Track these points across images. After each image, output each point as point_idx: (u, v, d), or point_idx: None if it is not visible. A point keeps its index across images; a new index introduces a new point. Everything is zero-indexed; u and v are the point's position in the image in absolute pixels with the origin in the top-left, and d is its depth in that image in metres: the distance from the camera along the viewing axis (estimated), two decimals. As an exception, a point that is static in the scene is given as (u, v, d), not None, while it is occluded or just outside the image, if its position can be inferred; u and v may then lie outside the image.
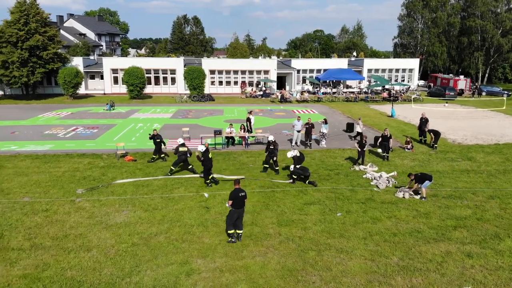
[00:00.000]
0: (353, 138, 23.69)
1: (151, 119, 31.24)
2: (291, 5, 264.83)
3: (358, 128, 23.33)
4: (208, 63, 48.69)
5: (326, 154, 20.50)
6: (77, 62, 46.70)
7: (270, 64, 49.82)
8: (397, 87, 49.32)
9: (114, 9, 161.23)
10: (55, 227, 12.08)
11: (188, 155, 17.44)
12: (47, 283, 9.28)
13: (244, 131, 22.36)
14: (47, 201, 13.99)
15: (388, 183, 16.06)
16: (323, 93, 46.12)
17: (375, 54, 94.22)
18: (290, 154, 17.14)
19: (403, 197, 14.65)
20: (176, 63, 48.56)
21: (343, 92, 48.16)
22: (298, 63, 52.16)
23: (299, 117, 22.62)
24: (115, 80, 47.33)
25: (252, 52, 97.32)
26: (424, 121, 23.33)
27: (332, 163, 18.91)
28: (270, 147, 17.54)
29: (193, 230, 11.96)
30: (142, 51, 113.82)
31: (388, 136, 19.80)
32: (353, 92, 47.51)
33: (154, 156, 19.26)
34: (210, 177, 15.90)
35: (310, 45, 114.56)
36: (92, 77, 49.43)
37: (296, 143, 22.29)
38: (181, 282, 9.31)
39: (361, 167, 18.11)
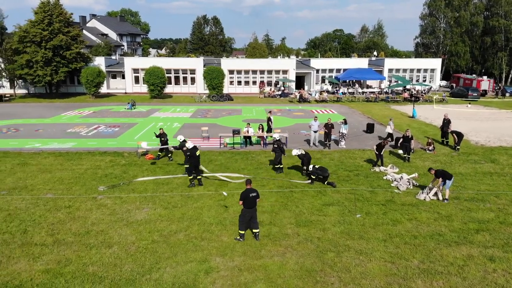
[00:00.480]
0: (397, 146, 21.70)
1: (171, 118, 31.58)
2: (311, 4, 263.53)
3: (389, 129, 22.90)
4: (227, 63, 48.91)
5: (345, 155, 20.34)
6: (99, 61, 47.57)
7: (289, 64, 49.73)
8: (418, 87, 48.55)
9: (135, 9, 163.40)
10: (77, 223, 12.34)
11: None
12: (69, 278, 9.47)
13: (262, 131, 22.37)
14: (70, 198, 14.30)
15: (409, 185, 15.83)
16: (342, 93, 45.73)
17: (395, 54, 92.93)
18: (294, 152, 17.08)
19: (424, 199, 14.42)
20: (196, 63, 48.95)
21: (359, 92, 47.57)
22: (317, 62, 51.89)
23: (316, 117, 22.49)
24: (136, 80, 48.02)
25: (271, 52, 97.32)
26: (446, 122, 22.90)
27: (351, 164, 18.74)
28: (274, 145, 17.55)
29: (212, 228, 12.04)
30: (163, 51, 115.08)
31: (410, 137, 19.51)
32: (373, 92, 46.97)
33: (160, 154, 19.64)
34: (191, 176, 15.85)
35: (329, 45, 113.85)
36: (114, 77, 50.25)
37: (314, 143, 22.17)
38: (200, 280, 9.38)
39: (381, 168, 17.89)
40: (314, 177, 16.00)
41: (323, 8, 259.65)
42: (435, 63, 53.49)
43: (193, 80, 48.77)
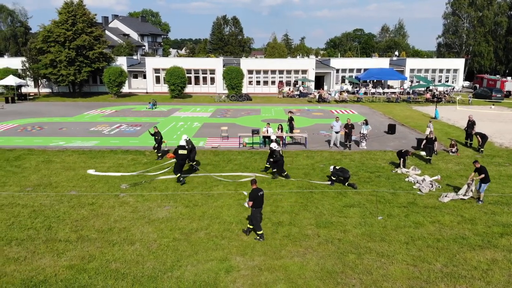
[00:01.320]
0: (419, 147, 21.07)
1: (191, 117, 31.84)
2: (331, 4, 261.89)
3: (427, 131, 22.41)
4: (246, 63, 48.99)
5: (366, 156, 20.12)
6: (121, 61, 48.28)
7: (308, 64, 49.48)
8: (440, 88, 47.67)
9: (156, 10, 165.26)
10: (100, 220, 12.56)
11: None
12: (92, 274, 9.65)
13: (281, 131, 22.33)
14: (93, 195, 14.57)
15: (432, 187, 15.56)
16: (364, 93, 45.24)
17: (417, 54, 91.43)
18: (273, 145, 17.10)
19: (454, 198, 14.20)
20: (216, 63, 49.20)
21: (374, 92, 46.86)
22: (337, 62, 51.49)
23: (337, 117, 22.30)
24: (157, 80, 48.57)
25: (290, 52, 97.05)
26: (471, 123, 22.42)
27: (372, 165, 18.53)
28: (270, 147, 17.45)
29: (232, 227, 12.09)
30: (183, 51, 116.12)
31: (433, 138, 19.15)
32: (394, 93, 46.35)
33: (157, 152, 19.96)
34: (178, 174, 16.01)
35: (349, 44, 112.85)
36: (135, 77, 50.94)
37: (334, 144, 22.00)
38: (221, 279, 9.43)
39: (403, 170, 17.63)
40: (334, 178, 15.89)
41: (342, 8, 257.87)
42: (458, 63, 52.38)
43: (212, 80, 49.04)
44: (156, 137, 19.78)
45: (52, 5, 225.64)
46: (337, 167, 16.01)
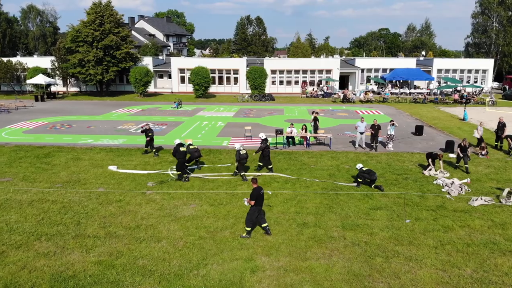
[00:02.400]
0: (447, 150, 21.04)
1: (215, 117, 32.04)
2: (355, 3, 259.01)
3: (476, 134, 21.90)
4: (270, 63, 48.98)
5: (393, 158, 19.76)
6: (147, 61, 49.04)
7: (332, 63, 49.06)
8: (469, 89, 46.44)
9: (180, 10, 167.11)
10: (127, 217, 12.77)
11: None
12: (120, 270, 9.80)
13: (305, 131, 22.19)
14: (121, 192, 14.83)
15: (461, 190, 15.15)
16: (390, 93, 44.50)
17: (444, 54, 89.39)
18: (262, 135, 17.68)
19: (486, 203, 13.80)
20: (239, 63, 49.38)
21: (390, 92, 45.87)
22: (363, 62, 50.87)
23: (362, 118, 21.98)
24: (182, 79, 49.11)
25: (314, 51, 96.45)
26: (501, 125, 21.73)
27: (400, 167, 18.18)
28: (262, 145, 17.44)
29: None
30: (206, 52, 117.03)
31: (467, 146, 18.34)
32: (421, 93, 45.43)
33: (146, 149, 20.23)
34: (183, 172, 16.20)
35: (374, 44, 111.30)
36: (161, 76, 51.65)
37: (359, 145, 21.71)
38: (246, 278, 9.43)
39: (431, 172, 17.23)
40: (360, 180, 15.67)
41: (367, 7, 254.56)
42: (487, 64, 50.92)
43: (236, 80, 49.23)
44: (150, 133, 19.97)
45: (80, 6, 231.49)
46: (364, 169, 15.77)
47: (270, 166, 17.58)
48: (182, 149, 16.36)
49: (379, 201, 14.13)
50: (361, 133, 21.38)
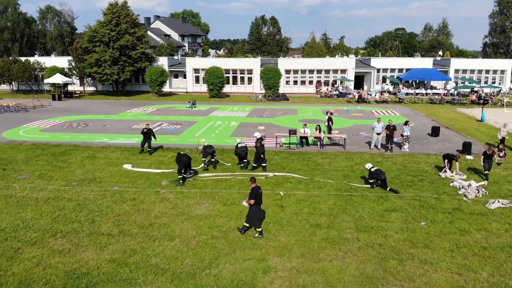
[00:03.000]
0: (464, 152, 20.57)
1: (229, 117, 32.08)
2: (371, 3, 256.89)
3: (499, 135, 21.50)
4: (284, 63, 48.85)
5: (408, 159, 19.47)
6: (163, 61, 49.41)
7: (347, 63, 48.68)
8: (486, 90, 45.57)
9: (196, 10, 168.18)
10: (141, 215, 12.86)
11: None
12: (133, 268, 9.86)
13: (319, 132, 22.04)
14: (135, 191, 14.94)
15: (478, 193, 14.84)
16: (405, 93, 43.95)
17: (461, 54, 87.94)
18: (256, 134, 17.99)
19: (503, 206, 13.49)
20: (253, 63, 49.38)
21: (401, 92, 45.21)
22: (378, 62, 50.38)
23: (379, 118, 21.74)
24: (197, 79, 49.34)
25: (329, 51, 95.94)
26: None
27: (415, 169, 17.90)
28: (257, 144, 17.48)
29: (269, 227, 12.03)
30: (221, 52, 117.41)
31: (492, 154, 17.82)
32: (438, 94, 44.75)
33: (148, 149, 20.30)
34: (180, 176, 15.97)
35: (390, 44, 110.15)
36: (176, 76, 51.98)
37: (375, 146, 21.46)
38: (258, 279, 9.39)
39: (447, 174, 16.93)
40: (372, 181, 15.47)
41: (383, 7, 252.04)
42: (506, 64, 49.88)
43: (250, 80, 49.24)
44: (151, 133, 20.12)
45: (96, 6, 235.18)
46: (373, 169, 15.55)
47: (264, 164, 17.69)
48: (182, 152, 16.23)
49: (394, 203, 13.93)
50: (378, 134, 21.14)
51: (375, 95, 43.07)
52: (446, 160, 17.15)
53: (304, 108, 36.99)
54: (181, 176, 15.87)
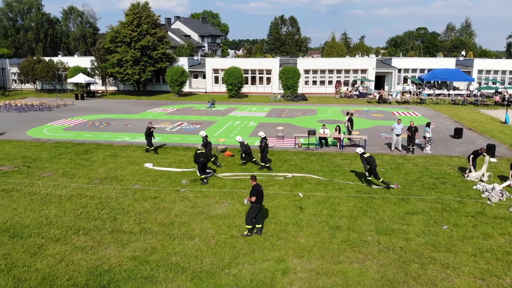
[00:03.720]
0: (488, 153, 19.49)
1: (247, 117, 32.15)
2: (392, 2, 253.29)
3: None
4: (303, 63, 48.63)
5: (430, 161, 19.13)
6: (183, 62, 49.83)
7: (368, 63, 48.11)
8: (511, 91, 44.39)
9: (215, 11, 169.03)
10: (162, 214, 13.01)
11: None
12: (154, 266, 9.98)
13: (339, 133, 21.87)
14: (156, 189, 15.13)
15: (502, 196, 14.49)
16: (427, 94, 43.21)
17: (485, 54, 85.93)
18: (238, 139, 18.42)
19: None
20: (272, 63, 49.32)
21: (424, 92, 44.32)
22: (399, 62, 49.66)
23: (399, 119, 21.44)
24: (216, 80, 49.60)
25: (349, 51, 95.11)
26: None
27: (437, 171, 17.58)
28: (262, 144, 17.60)
29: (288, 228, 12.01)
30: (240, 52, 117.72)
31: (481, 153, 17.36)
32: (460, 95, 43.85)
33: (148, 147, 20.61)
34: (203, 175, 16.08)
35: (412, 43, 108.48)
36: (196, 76, 52.35)
37: (395, 147, 21.16)
38: (278, 280, 9.39)
39: (472, 175, 16.53)
40: (383, 181, 15.49)
41: (404, 6, 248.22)
42: (531, 64, 48.49)
43: (268, 80, 49.21)
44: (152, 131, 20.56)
45: (117, 7, 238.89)
46: (366, 155, 15.57)
47: (267, 165, 17.80)
48: (198, 151, 16.15)
49: (416, 205, 13.72)
50: (397, 135, 20.85)
51: (396, 95, 42.47)
52: (471, 157, 16.75)
53: (323, 109, 36.76)
54: (203, 176, 16.01)
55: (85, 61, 50.09)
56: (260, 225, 11.72)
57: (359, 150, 16.05)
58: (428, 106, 38.77)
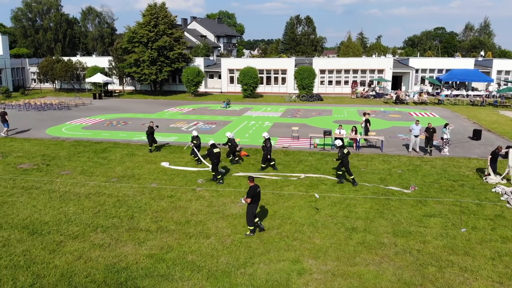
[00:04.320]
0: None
1: (262, 117, 32.17)
2: (409, 1, 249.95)
3: None
4: (319, 63, 48.40)
5: (448, 163, 18.85)
6: (199, 62, 50.09)
7: (385, 63, 47.62)
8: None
9: (231, 11, 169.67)
10: (178, 212, 13.13)
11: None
12: (170, 264, 10.08)
13: (355, 133, 21.70)
14: (172, 188, 15.27)
15: (523, 199, 14.19)
16: (445, 95, 42.57)
17: (504, 54, 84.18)
18: (228, 134, 18.63)
19: None
20: (288, 63, 49.21)
21: (442, 93, 43.55)
22: (417, 62, 49.02)
23: (417, 120, 21.17)
24: (231, 80, 49.75)
25: (365, 51, 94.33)
26: None
27: (455, 173, 17.31)
28: (267, 144, 17.58)
29: (304, 229, 11.99)
30: (255, 52, 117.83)
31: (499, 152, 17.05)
32: (479, 96, 43.07)
33: (151, 148, 20.81)
34: (218, 175, 16.22)
35: (429, 43, 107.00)
36: (211, 77, 52.58)
37: (413, 149, 20.91)
38: (293, 280, 9.38)
39: (491, 178, 16.23)
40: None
41: (422, 5, 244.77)
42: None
43: (283, 80, 49.13)
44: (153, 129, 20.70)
45: (134, 8, 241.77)
46: (345, 151, 15.88)
47: (272, 163, 17.95)
48: (215, 150, 16.25)
49: (433, 208, 13.54)
50: (416, 136, 20.59)
51: (414, 96, 41.96)
52: (489, 158, 16.47)
53: (339, 109, 36.54)
54: (219, 176, 16.16)
55: (103, 61, 50.78)
56: (257, 219, 11.86)
57: (338, 142, 16.44)
58: (446, 107, 38.19)
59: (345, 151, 15.91)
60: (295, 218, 12.71)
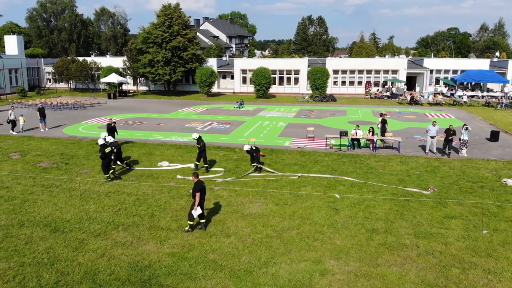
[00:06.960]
0: None
1: (276, 117, 32.17)
2: (421, 1, 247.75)
3: None
4: (332, 63, 48.24)
5: (467, 164, 18.67)
6: (212, 62, 50.28)
7: (399, 64, 47.29)
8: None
9: (242, 12, 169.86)
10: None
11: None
12: (192, 263, 10.14)
13: (372, 134, 21.59)
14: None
15: (545, 202, 14.00)
16: (459, 96, 42.10)
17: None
18: (245, 147, 17.87)
19: None
20: (300, 64, 49.16)
21: (457, 94, 42.95)
22: (431, 62, 48.58)
23: (434, 121, 20.99)
24: (244, 80, 49.84)
25: (377, 51, 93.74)
26: None
27: (474, 175, 17.14)
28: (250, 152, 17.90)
29: (324, 230, 11.98)
30: (266, 53, 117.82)
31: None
32: (495, 97, 42.52)
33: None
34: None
35: (442, 44, 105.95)
36: (224, 77, 52.73)
37: (430, 150, 20.73)
38: (316, 281, 9.38)
39: (510, 180, 16.05)
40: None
41: (433, 5, 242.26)
42: None
43: (296, 81, 49.08)
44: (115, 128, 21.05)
45: (146, 8, 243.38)
46: (254, 147, 17.00)
47: (254, 164, 18.05)
48: (107, 150, 16.20)
49: (454, 209, 13.42)
50: (432, 137, 20.42)
51: (428, 97, 41.59)
52: None
53: (353, 110, 36.38)
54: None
55: (117, 61, 51.26)
56: (204, 220, 12.01)
57: (246, 147, 17.50)
58: (461, 108, 37.79)
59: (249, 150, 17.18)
60: (314, 219, 12.70)
